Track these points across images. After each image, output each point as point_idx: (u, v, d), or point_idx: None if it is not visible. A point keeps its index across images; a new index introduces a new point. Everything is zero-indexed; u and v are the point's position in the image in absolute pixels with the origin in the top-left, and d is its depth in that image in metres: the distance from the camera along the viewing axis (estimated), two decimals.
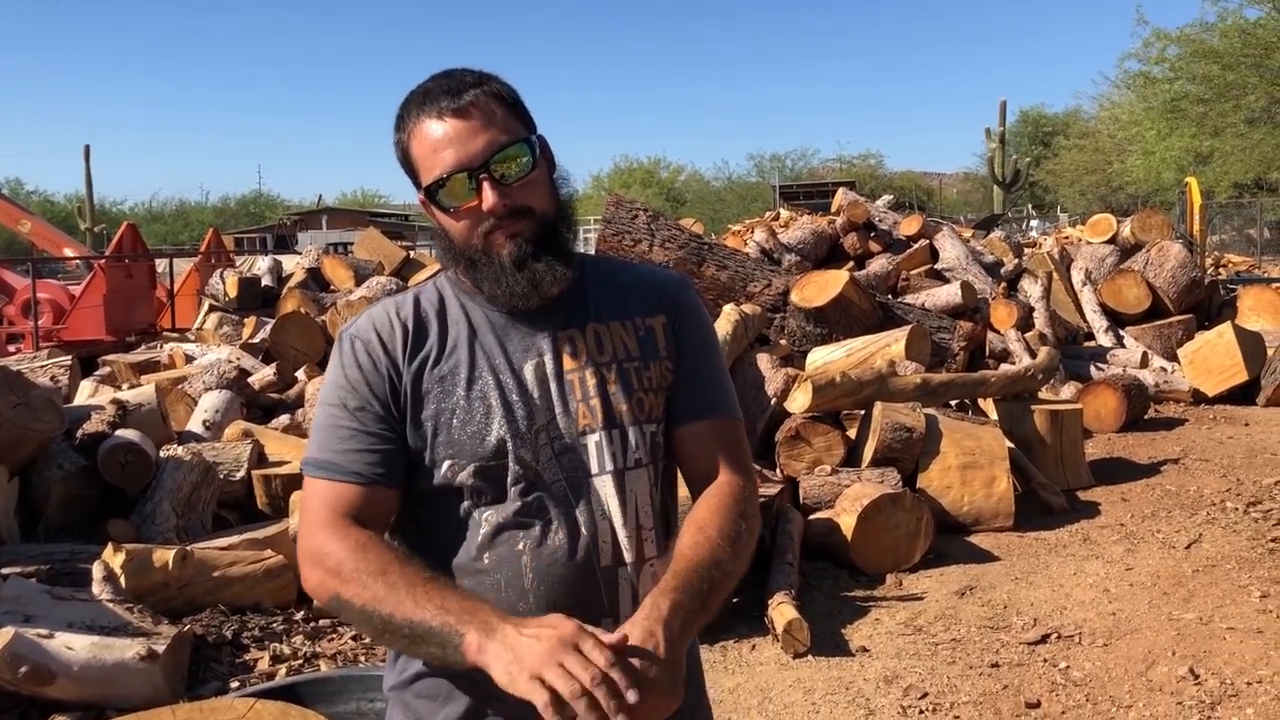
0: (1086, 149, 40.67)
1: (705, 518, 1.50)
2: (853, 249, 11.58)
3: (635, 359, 1.55)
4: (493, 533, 1.47)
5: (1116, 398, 8.52)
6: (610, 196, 8.96)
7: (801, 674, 4.28)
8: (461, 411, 1.47)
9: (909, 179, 53.55)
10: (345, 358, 1.51)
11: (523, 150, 1.47)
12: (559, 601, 1.43)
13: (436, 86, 1.48)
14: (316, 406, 1.54)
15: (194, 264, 16.52)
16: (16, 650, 3.76)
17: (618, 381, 1.52)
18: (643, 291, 1.61)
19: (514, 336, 1.52)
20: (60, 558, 4.99)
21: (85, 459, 5.75)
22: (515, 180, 1.46)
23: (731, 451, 1.59)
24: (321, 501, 1.46)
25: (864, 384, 6.32)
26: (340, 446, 1.47)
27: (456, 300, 1.55)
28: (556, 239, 1.50)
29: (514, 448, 1.46)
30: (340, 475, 1.46)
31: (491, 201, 1.44)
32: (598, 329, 1.54)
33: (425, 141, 1.47)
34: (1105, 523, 6.16)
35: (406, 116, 1.50)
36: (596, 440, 1.49)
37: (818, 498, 5.84)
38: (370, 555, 1.39)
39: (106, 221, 31.73)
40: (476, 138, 1.45)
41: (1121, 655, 4.32)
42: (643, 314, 1.58)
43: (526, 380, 1.50)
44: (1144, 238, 11.80)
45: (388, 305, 1.55)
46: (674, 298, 1.62)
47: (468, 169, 1.44)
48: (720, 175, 57.49)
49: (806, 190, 35.27)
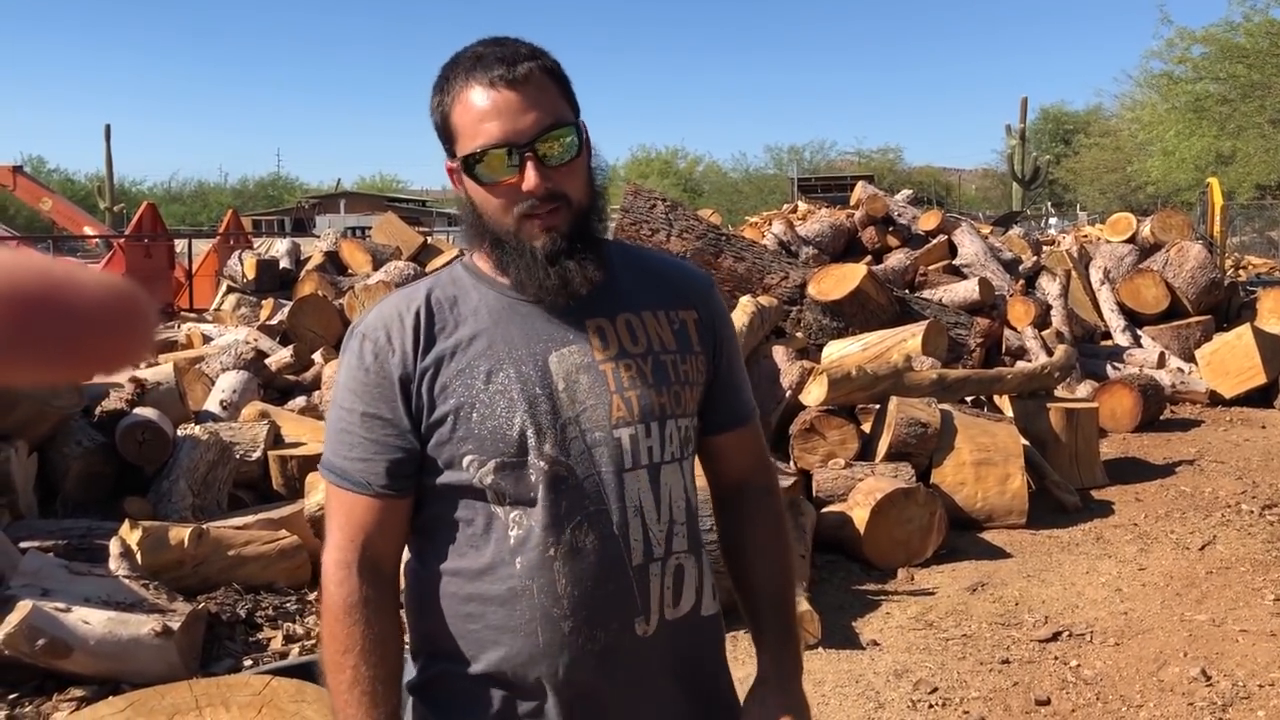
0: (1107, 147, 40.41)
1: (772, 545, 1.66)
2: (871, 243, 11.55)
3: (671, 351, 1.50)
4: (524, 536, 1.41)
5: (1132, 397, 8.49)
6: (628, 186, 8.95)
7: (811, 666, 4.29)
8: (482, 405, 1.41)
9: (928, 174, 53.37)
10: (353, 357, 1.45)
11: (570, 133, 1.41)
12: (593, 603, 1.41)
13: (490, 53, 1.40)
14: (330, 402, 1.50)
15: (213, 245, 16.60)
16: (34, 623, 3.79)
17: (653, 374, 1.47)
18: (673, 283, 1.57)
19: (538, 325, 1.45)
20: (78, 533, 5.04)
21: (103, 436, 5.80)
22: (558, 163, 1.40)
23: (760, 454, 1.68)
24: (337, 513, 1.46)
25: (880, 378, 6.31)
26: (350, 454, 1.44)
27: (474, 288, 1.48)
28: (590, 233, 1.44)
29: (538, 443, 1.40)
30: (350, 485, 1.44)
31: (533, 182, 1.38)
32: (629, 319, 1.49)
33: (471, 109, 1.39)
34: (1119, 522, 6.15)
35: (452, 79, 1.42)
36: (631, 434, 1.44)
37: (831, 491, 5.84)
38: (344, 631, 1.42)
39: (126, 201, 31.87)
40: (527, 113, 1.38)
41: (1133, 655, 4.31)
42: (675, 306, 1.54)
43: (553, 371, 1.43)
44: (1164, 238, 11.73)
45: (398, 299, 1.48)
46: (705, 296, 1.59)
47: (513, 144, 1.37)
48: (738, 167, 57.38)
49: (824, 183, 35.22)
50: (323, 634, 1.45)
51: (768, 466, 1.70)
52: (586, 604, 1.41)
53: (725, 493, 1.66)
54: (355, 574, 1.42)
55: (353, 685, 1.40)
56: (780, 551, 1.67)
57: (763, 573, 1.64)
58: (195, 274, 15.58)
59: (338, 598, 1.42)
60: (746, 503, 1.66)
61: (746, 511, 1.66)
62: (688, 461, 1.52)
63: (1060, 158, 45.54)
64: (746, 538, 1.65)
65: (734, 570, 1.67)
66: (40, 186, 19.40)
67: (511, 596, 1.42)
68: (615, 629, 1.43)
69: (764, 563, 1.64)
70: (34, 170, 40.59)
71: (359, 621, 1.41)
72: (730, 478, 1.66)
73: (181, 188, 59.41)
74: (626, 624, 1.43)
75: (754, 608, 1.65)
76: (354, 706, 1.39)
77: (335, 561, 1.44)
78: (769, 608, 1.64)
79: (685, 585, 1.49)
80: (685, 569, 1.49)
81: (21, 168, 19.34)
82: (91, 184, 38.57)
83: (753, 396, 1.67)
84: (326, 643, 1.43)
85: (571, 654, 1.42)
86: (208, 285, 15.00)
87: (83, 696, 3.81)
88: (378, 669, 1.41)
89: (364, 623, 1.41)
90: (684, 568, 1.49)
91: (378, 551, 1.44)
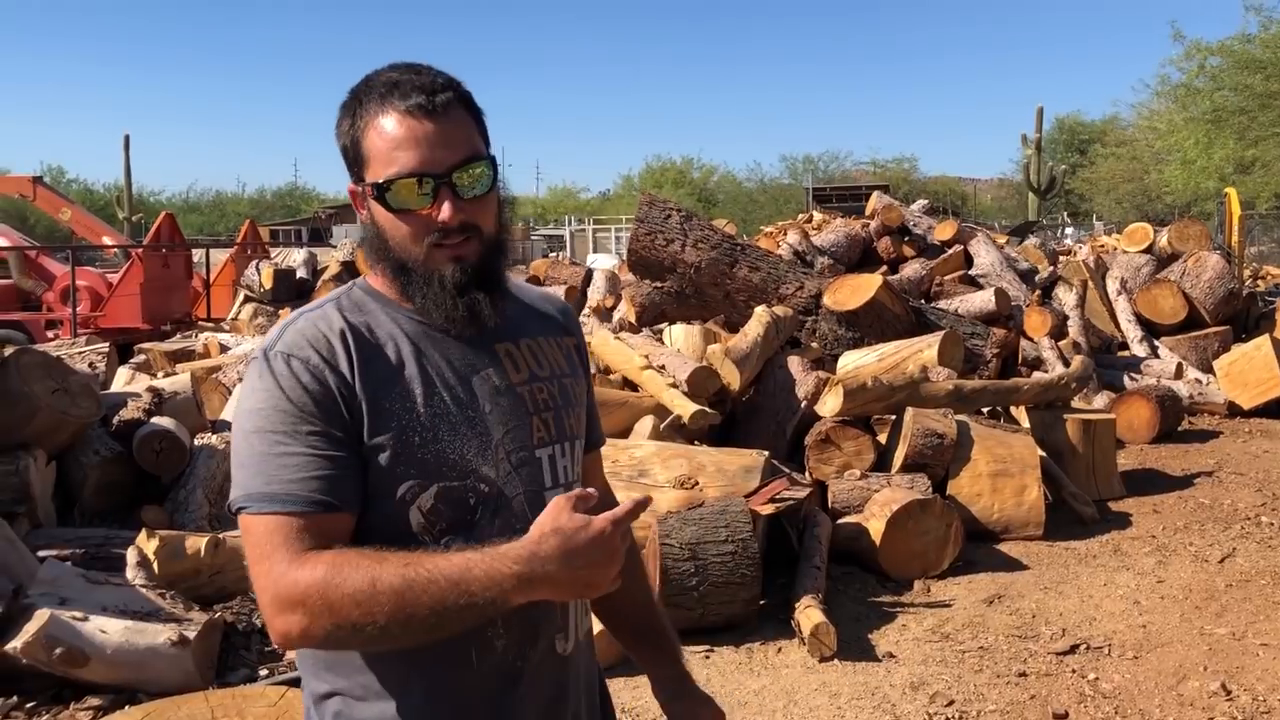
0: (1123, 157, 40.25)
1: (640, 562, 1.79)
2: (886, 253, 11.53)
3: (568, 375, 1.56)
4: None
5: (1150, 408, 8.44)
6: (644, 195, 8.96)
7: (827, 678, 4.27)
8: (423, 430, 1.38)
9: (943, 184, 53.20)
10: (284, 379, 1.35)
11: (486, 166, 1.41)
12: (524, 621, 1.43)
13: (406, 80, 1.39)
14: (244, 434, 1.35)
15: (230, 255, 16.67)
16: (52, 632, 3.81)
17: (560, 396, 1.52)
18: (551, 311, 1.63)
19: (454, 350, 1.45)
20: (95, 542, 5.06)
21: (121, 445, 5.83)
22: (472, 195, 1.40)
23: (604, 475, 1.80)
24: (275, 540, 1.30)
25: (896, 389, 6.30)
26: (294, 475, 1.31)
27: (382, 312, 1.45)
28: (496, 266, 1.46)
29: (476, 465, 1.40)
30: (299, 506, 1.30)
31: (448, 214, 1.38)
32: (530, 344, 1.53)
33: (385, 136, 1.38)
34: (1136, 534, 6.11)
35: (366, 103, 1.40)
36: (549, 454, 1.48)
37: (846, 502, 5.82)
38: (353, 557, 1.27)
39: (144, 211, 32.07)
40: (445, 145, 1.38)
41: (1152, 668, 4.28)
42: (559, 333, 1.60)
43: (478, 394, 1.43)
44: (1181, 248, 11.68)
45: (314, 320, 1.42)
46: (576, 323, 1.66)
47: (430, 175, 1.37)
48: (753, 176, 57.26)
49: (839, 193, 35.13)
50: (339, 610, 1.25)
51: (610, 490, 1.79)
52: (518, 622, 1.42)
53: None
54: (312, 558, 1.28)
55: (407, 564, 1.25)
56: (641, 563, 1.82)
57: (642, 589, 1.76)
58: (213, 284, 15.65)
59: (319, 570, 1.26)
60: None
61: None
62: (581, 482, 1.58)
63: (1076, 168, 45.38)
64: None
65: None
66: (60, 196, 19.50)
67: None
68: (543, 646, 1.46)
69: (640, 580, 1.76)
70: (53, 180, 40.91)
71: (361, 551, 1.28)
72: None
73: (199, 198, 59.82)
74: (551, 642, 1.47)
75: (636, 619, 1.75)
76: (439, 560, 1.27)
77: (288, 561, 1.28)
78: (651, 617, 1.76)
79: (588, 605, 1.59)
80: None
81: (41, 178, 19.45)
82: (110, 194, 38.85)
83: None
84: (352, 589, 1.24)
85: (504, 672, 1.43)
86: (225, 295, 15.07)
87: (99, 706, 3.82)
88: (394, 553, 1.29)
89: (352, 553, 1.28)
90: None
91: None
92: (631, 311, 8.45)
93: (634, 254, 8.48)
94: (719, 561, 4.57)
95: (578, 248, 37.29)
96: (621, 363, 6.88)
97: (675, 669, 1.73)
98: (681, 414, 6.17)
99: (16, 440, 5.34)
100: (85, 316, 14.11)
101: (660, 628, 1.75)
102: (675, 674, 1.73)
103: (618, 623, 1.76)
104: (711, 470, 5.32)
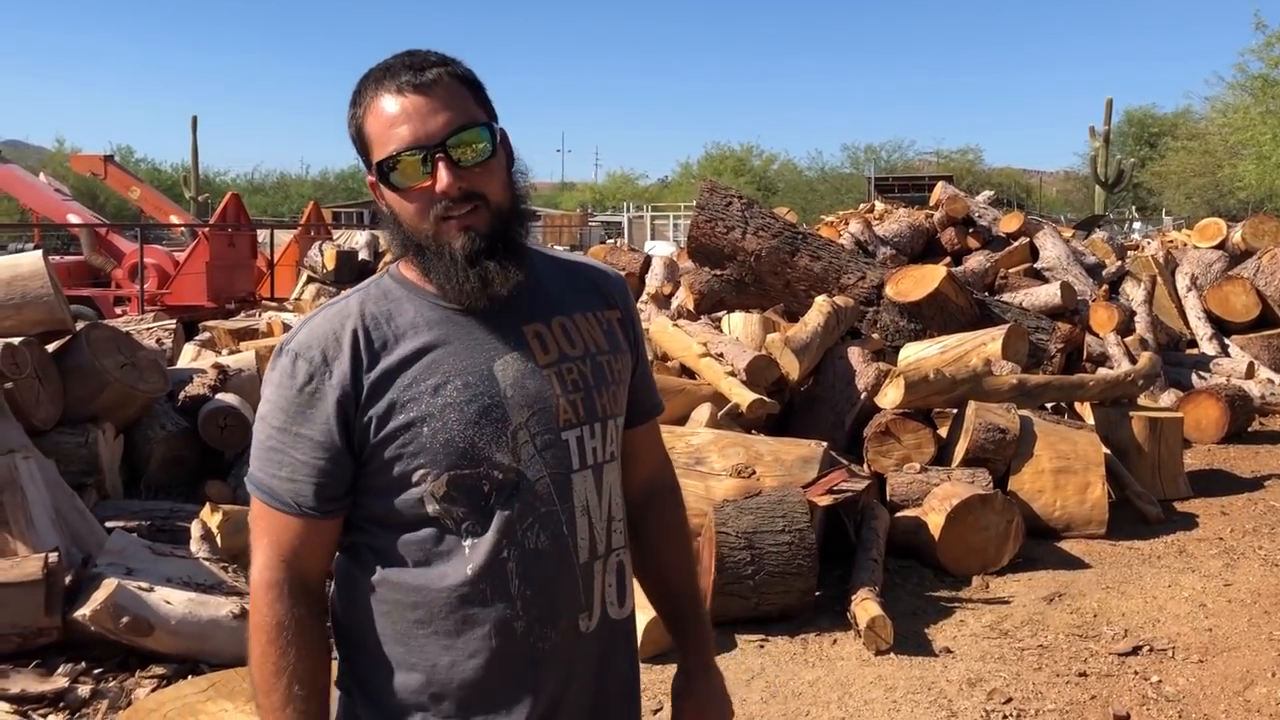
0: (1195, 151, 39.30)
1: (688, 543, 1.77)
2: (950, 244, 11.37)
3: (605, 352, 1.54)
4: (475, 543, 1.42)
5: (1219, 408, 8.25)
6: (705, 182, 8.91)
7: (883, 671, 4.24)
8: (432, 419, 1.39)
9: (1007, 175, 52.45)
10: (284, 376, 1.42)
11: (482, 135, 1.41)
12: (544, 602, 1.44)
13: (398, 62, 1.42)
14: (257, 417, 1.47)
15: (294, 236, 16.88)
16: (119, 601, 3.89)
17: (593, 375, 1.50)
18: (595, 285, 1.61)
19: (477, 335, 1.45)
20: (160, 515, 5.16)
21: (186, 421, 5.93)
22: (472, 164, 1.41)
23: (663, 447, 1.78)
24: (265, 532, 1.44)
25: (958, 382, 6.21)
26: (279, 473, 1.42)
27: (407, 300, 1.46)
28: (510, 235, 1.45)
29: (489, 452, 1.41)
30: (278, 504, 1.42)
31: (446, 183, 1.38)
32: (564, 322, 1.52)
33: (381, 116, 1.41)
34: (1203, 536, 5.98)
35: (364, 91, 1.43)
36: (577, 435, 1.47)
37: (905, 495, 5.76)
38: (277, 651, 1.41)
39: (210, 191, 32.54)
40: (436, 116, 1.39)
41: (1218, 673, 4.19)
42: (601, 307, 1.58)
43: (498, 379, 1.43)
44: (1255, 244, 11.39)
45: (330, 316, 1.45)
46: (623, 294, 1.64)
47: (424, 147, 1.38)
48: (814, 165, 56.81)
49: (901, 183, 34.81)
50: (252, 653, 1.43)
51: (669, 460, 1.79)
52: (539, 603, 1.44)
53: (639, 490, 1.69)
54: (286, 594, 1.41)
55: (284, 705, 1.40)
56: (690, 548, 1.79)
57: (681, 570, 1.75)
58: (277, 264, 15.87)
59: (269, 619, 1.41)
60: (660, 501, 1.73)
61: (660, 510, 1.73)
62: (619, 459, 1.57)
63: (1145, 161, 44.46)
64: (664, 536, 1.72)
65: (653, 568, 1.73)
66: (129, 175, 19.90)
67: (463, 603, 1.42)
68: (565, 626, 1.46)
69: (681, 560, 1.75)
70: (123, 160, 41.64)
71: (292, 642, 1.41)
72: (643, 474, 1.70)
73: (264, 179, 60.54)
74: (573, 621, 1.47)
75: (673, 604, 1.75)
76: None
77: (265, 582, 1.42)
78: (689, 604, 1.75)
79: (626, 582, 1.55)
80: (624, 564, 1.55)
81: (112, 157, 19.86)
82: (177, 174, 39.51)
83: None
84: (258, 663, 1.42)
85: (524, 654, 1.44)
86: (289, 275, 15.28)
87: (163, 675, 3.89)
88: (310, 688, 1.41)
89: (296, 643, 1.41)
90: (624, 563, 1.55)
91: (306, 570, 1.44)
92: (690, 299, 8.41)
93: (694, 241, 8.44)
94: (775, 551, 4.54)
95: (635, 234, 37.26)
96: (679, 350, 6.86)
97: (694, 660, 1.73)
98: (739, 402, 6.14)
99: (86, 413, 5.46)
100: (152, 294, 14.38)
101: (693, 616, 1.74)
102: (692, 666, 1.72)
103: (657, 602, 1.77)
104: (769, 460, 5.29)
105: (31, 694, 3.68)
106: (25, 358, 4.87)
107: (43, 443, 5.02)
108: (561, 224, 42.41)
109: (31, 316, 5.18)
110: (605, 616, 1.51)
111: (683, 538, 1.76)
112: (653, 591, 1.76)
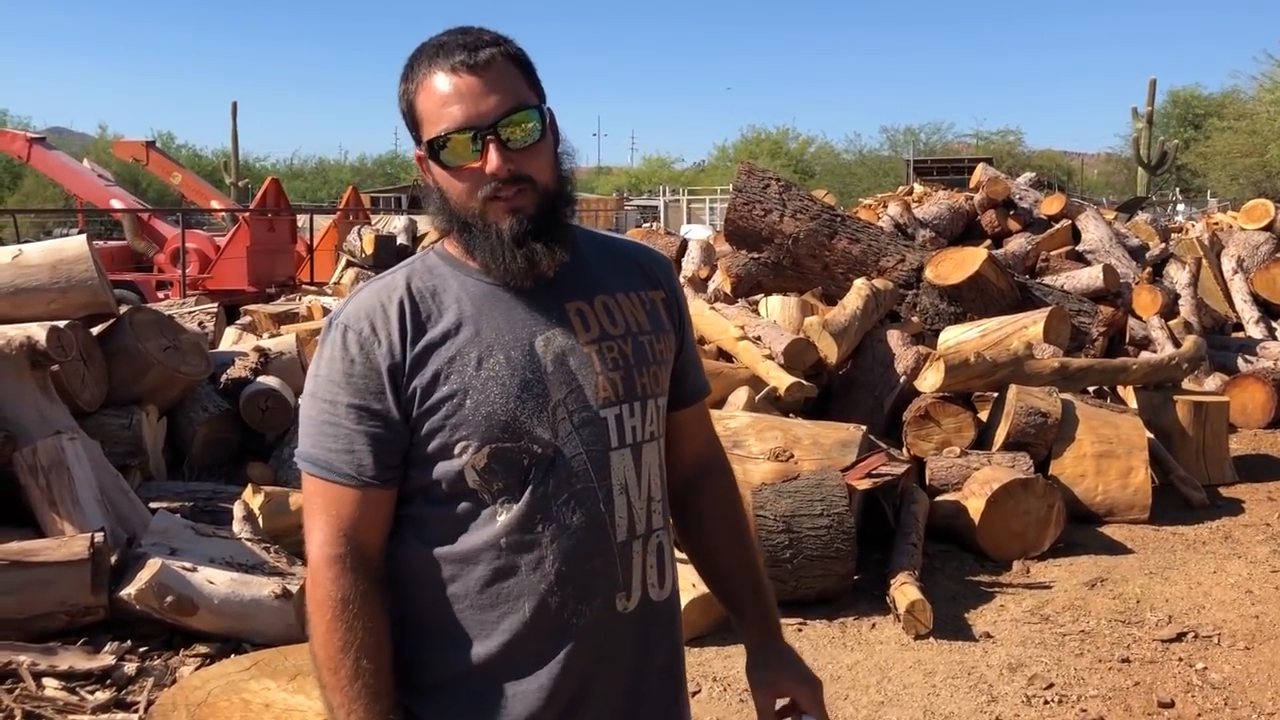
0: (1242, 131, 38.60)
1: (740, 520, 1.74)
2: (990, 227, 11.24)
3: (647, 331, 1.54)
4: (512, 517, 1.43)
5: (1266, 392, 8.12)
6: (742, 164, 8.86)
7: (922, 655, 4.21)
8: (475, 392, 1.41)
9: (1048, 157, 51.71)
10: (336, 349, 1.44)
11: (532, 117, 1.42)
12: (580, 579, 1.44)
13: (452, 40, 1.43)
14: (305, 396, 1.48)
15: (333, 220, 16.99)
16: (163, 580, 3.94)
17: (634, 354, 1.51)
18: (640, 265, 1.61)
19: (520, 311, 1.46)
20: (203, 496, 5.22)
21: (228, 403, 5.99)
22: (521, 146, 1.42)
23: (712, 428, 1.77)
24: (322, 508, 1.44)
25: (999, 365, 6.15)
26: (335, 445, 1.42)
27: (452, 275, 1.48)
28: (556, 216, 1.46)
29: (530, 426, 1.42)
30: (336, 477, 1.42)
31: (496, 164, 1.39)
32: (606, 301, 1.52)
33: (434, 95, 1.41)
34: (1249, 521, 5.89)
35: (416, 67, 1.44)
36: (616, 414, 1.47)
37: (945, 479, 5.72)
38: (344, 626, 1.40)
39: (250, 177, 32.78)
40: (488, 97, 1.40)
41: (1265, 660, 4.13)
42: (645, 287, 1.58)
43: (539, 355, 1.45)
44: None
45: (377, 289, 1.47)
46: (668, 275, 1.64)
47: (475, 128, 1.39)
48: (851, 148, 56.25)
49: (940, 165, 34.45)
50: (315, 630, 1.42)
51: (718, 440, 1.78)
52: (573, 579, 1.44)
53: (687, 471, 1.69)
54: (349, 568, 1.42)
55: (353, 680, 1.39)
56: (746, 526, 1.76)
57: (737, 549, 1.71)
58: (316, 248, 15.97)
59: (334, 594, 1.41)
60: (710, 483, 1.72)
61: (711, 491, 1.72)
62: (662, 440, 1.56)
63: (1189, 142, 43.73)
64: (716, 515, 1.71)
65: (703, 548, 1.73)
66: (171, 161, 20.10)
67: (497, 576, 1.43)
68: (599, 604, 1.46)
69: (737, 539, 1.72)
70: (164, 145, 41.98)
71: (358, 616, 1.41)
72: (690, 455, 1.70)
73: (303, 164, 60.86)
74: (610, 600, 1.47)
75: (731, 583, 1.72)
76: (358, 701, 1.39)
77: (326, 558, 1.42)
78: (749, 582, 1.71)
79: (666, 563, 1.54)
80: (664, 546, 1.54)
81: (153, 143, 20.04)
82: (218, 159, 39.80)
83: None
84: (322, 639, 1.41)
85: (558, 629, 1.44)
86: (328, 259, 15.38)
87: (207, 653, 3.94)
88: (378, 662, 1.41)
89: (362, 617, 1.41)
90: (664, 545, 1.54)
91: (365, 543, 1.44)
92: (727, 282, 8.37)
93: (731, 223, 8.41)
94: (814, 535, 4.53)
95: (671, 218, 37.16)
96: (716, 333, 6.84)
97: (762, 637, 1.69)
98: (777, 386, 6.11)
99: (130, 395, 5.53)
100: (194, 278, 14.53)
101: (750, 592, 1.70)
102: (760, 641, 1.69)
103: (711, 583, 1.74)
104: (807, 443, 5.27)
105: (79, 671, 3.74)
106: (70, 340, 4.94)
107: (88, 424, 5.09)
108: (597, 208, 42.37)
109: (76, 300, 5.24)
110: (645, 598, 1.50)
111: (736, 516, 1.74)
112: (706, 571, 1.73)
